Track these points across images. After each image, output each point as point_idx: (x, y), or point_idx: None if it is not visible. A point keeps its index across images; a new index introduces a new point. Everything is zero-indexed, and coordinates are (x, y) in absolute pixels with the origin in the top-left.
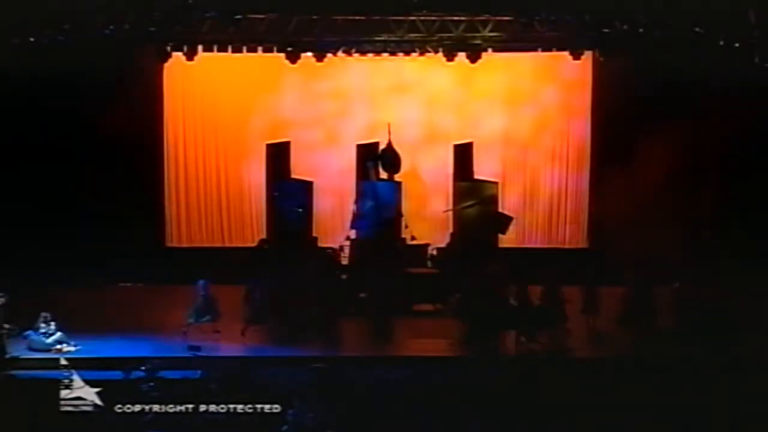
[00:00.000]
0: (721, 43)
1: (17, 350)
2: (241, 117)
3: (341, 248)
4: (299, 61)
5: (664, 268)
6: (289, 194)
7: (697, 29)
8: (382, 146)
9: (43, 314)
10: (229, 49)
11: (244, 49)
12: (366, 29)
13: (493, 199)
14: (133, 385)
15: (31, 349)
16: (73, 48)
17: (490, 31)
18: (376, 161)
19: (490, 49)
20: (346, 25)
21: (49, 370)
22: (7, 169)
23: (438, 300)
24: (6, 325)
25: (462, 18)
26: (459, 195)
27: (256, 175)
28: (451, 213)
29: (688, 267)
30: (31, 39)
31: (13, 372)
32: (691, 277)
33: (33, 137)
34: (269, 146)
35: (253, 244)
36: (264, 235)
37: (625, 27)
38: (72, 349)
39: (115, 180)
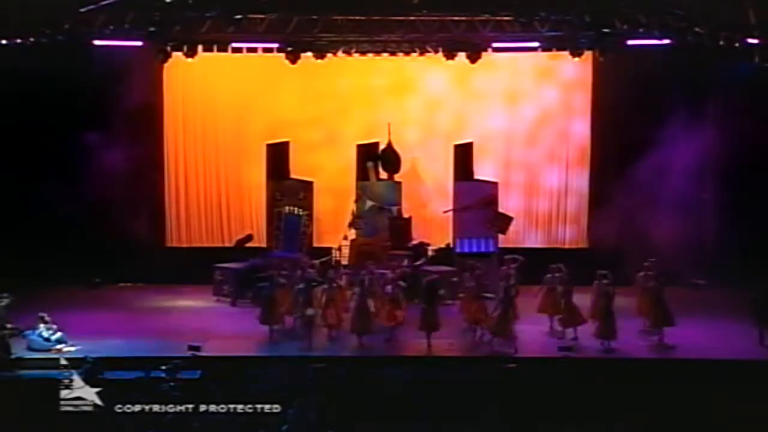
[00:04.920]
0: (722, 43)
1: (17, 350)
2: (241, 117)
3: (339, 248)
4: (299, 61)
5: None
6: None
7: (697, 29)
8: (382, 146)
9: (40, 315)
10: (229, 49)
11: (244, 49)
12: (366, 29)
13: (493, 199)
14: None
15: (31, 349)
16: (73, 48)
17: (490, 31)
18: (376, 161)
19: (490, 49)
20: (346, 25)
21: (49, 370)
22: (8, 170)
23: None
24: (9, 326)
25: (462, 18)
26: (459, 195)
27: (256, 175)
28: (451, 213)
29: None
30: (31, 39)
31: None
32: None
33: (33, 138)
34: (269, 146)
35: (254, 244)
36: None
37: (625, 27)
38: (72, 349)
39: (115, 180)
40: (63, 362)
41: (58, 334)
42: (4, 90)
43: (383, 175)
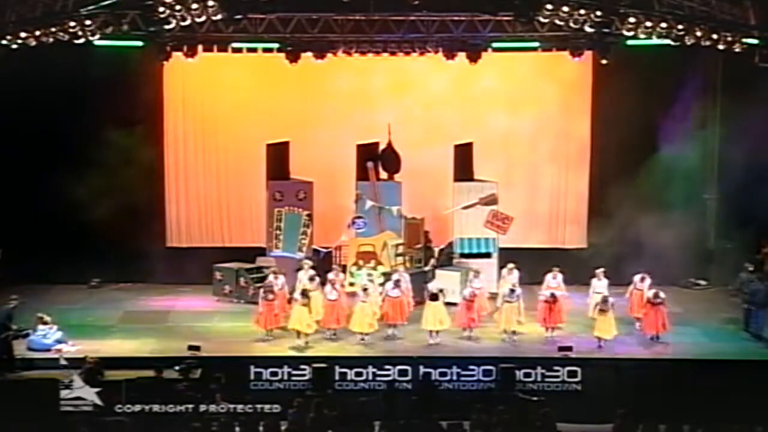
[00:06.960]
0: (721, 46)
1: (17, 351)
2: (241, 117)
3: (339, 248)
4: (299, 61)
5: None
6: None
7: (697, 31)
8: (382, 146)
9: (40, 315)
10: (229, 49)
11: (244, 49)
12: (366, 29)
13: (493, 199)
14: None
15: (31, 349)
16: (73, 48)
17: (490, 31)
18: (376, 161)
19: (490, 49)
20: (346, 25)
21: (49, 370)
22: (6, 171)
23: None
24: (14, 327)
25: (462, 18)
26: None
27: (256, 175)
28: (451, 213)
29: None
30: (31, 39)
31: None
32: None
33: (31, 140)
34: (269, 146)
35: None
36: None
37: (625, 27)
38: (72, 349)
39: (115, 180)
40: (63, 362)
41: (58, 334)
42: (3, 90)
43: (383, 175)
